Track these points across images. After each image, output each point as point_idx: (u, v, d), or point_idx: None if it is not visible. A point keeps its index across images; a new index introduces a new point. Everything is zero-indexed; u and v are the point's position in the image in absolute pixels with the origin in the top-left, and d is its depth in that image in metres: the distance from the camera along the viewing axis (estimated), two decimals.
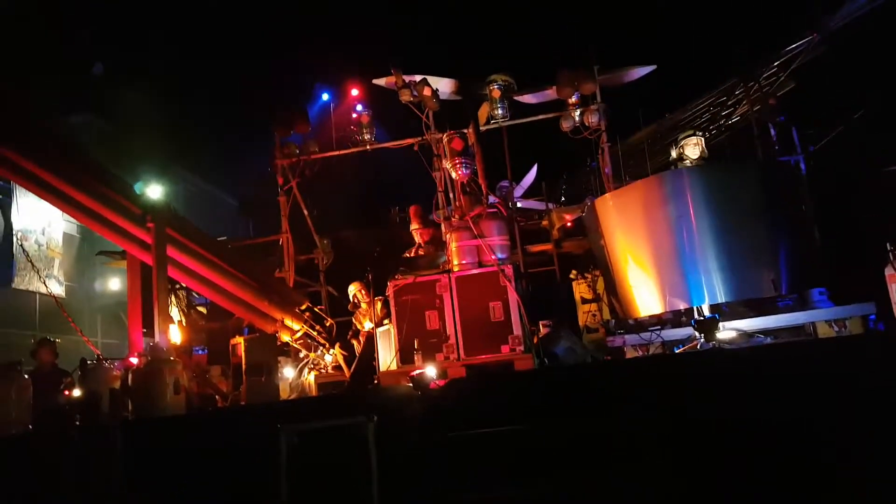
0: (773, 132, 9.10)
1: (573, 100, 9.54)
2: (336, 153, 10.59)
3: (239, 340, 7.33)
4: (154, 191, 6.87)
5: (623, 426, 4.82)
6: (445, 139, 7.70)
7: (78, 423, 5.61)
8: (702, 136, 7.57)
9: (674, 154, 7.56)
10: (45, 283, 11.60)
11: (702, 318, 5.95)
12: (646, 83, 10.22)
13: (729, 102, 11.14)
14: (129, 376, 6.03)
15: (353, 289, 8.86)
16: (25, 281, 15.37)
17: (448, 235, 7.23)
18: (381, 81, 9.97)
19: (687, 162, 7.38)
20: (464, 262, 6.98)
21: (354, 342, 8.65)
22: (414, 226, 8.64)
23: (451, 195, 8.88)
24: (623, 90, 10.14)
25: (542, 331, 7.71)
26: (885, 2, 10.34)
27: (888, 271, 5.91)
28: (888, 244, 5.99)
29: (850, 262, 7.64)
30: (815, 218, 8.08)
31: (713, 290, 6.48)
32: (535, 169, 13.25)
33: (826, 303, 6.52)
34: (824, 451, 4.47)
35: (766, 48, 10.33)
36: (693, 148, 7.39)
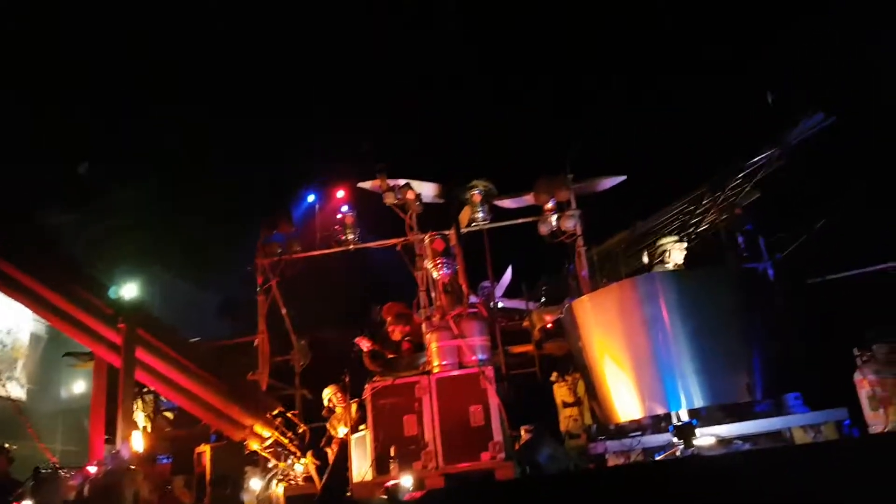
0: (740, 240, 9.40)
1: (550, 206, 9.84)
2: (319, 252, 10.67)
3: (205, 449, 7.03)
4: (129, 290, 6.81)
5: None
6: (427, 240, 7.82)
7: None
8: (685, 242, 7.74)
9: (645, 259, 7.73)
10: (3, 385, 11.14)
11: (679, 424, 5.88)
12: (618, 192, 10.63)
13: (697, 211, 11.55)
14: (86, 487, 5.71)
15: (327, 392, 8.65)
16: None
17: (428, 335, 7.18)
18: (366, 185, 10.25)
19: (670, 265, 7.52)
20: (444, 362, 6.90)
21: (328, 450, 8.33)
22: (390, 325, 8.53)
23: (432, 295, 8.90)
24: (597, 198, 10.51)
25: (524, 436, 7.52)
26: (833, 122, 11.08)
27: (857, 376, 5.97)
28: (855, 349, 6.08)
29: (821, 368, 7.76)
30: (785, 323, 8.24)
31: (689, 394, 6.45)
32: (510, 270, 13.42)
33: (801, 407, 6.56)
34: None
35: (731, 160, 10.93)
36: (679, 253, 7.56)
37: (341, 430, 8.29)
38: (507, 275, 13.59)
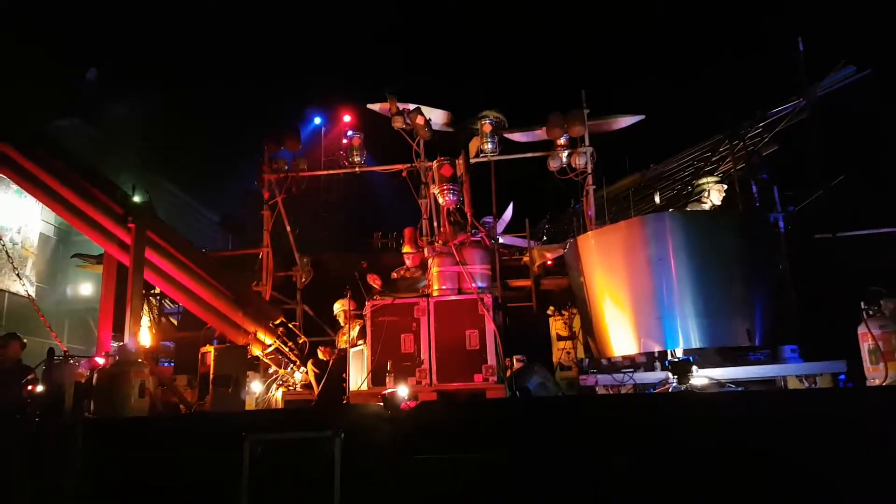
0: (754, 189, 9.31)
1: (562, 141, 9.70)
2: (325, 172, 10.64)
3: (209, 349, 7.20)
4: (136, 198, 6.88)
5: (590, 462, 4.81)
6: (435, 165, 7.79)
7: (38, 419, 5.44)
8: (725, 185, 7.64)
9: (657, 199, 7.69)
10: (20, 278, 11.36)
11: (676, 360, 5.98)
12: (633, 132, 10.45)
13: (713, 158, 11.42)
14: (95, 376, 5.90)
15: (337, 307, 8.77)
16: None
17: (430, 260, 7.24)
18: (375, 106, 10.06)
19: (707, 206, 7.47)
20: (444, 287, 6.98)
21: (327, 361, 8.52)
22: (406, 249, 8.56)
23: (435, 224, 8.92)
24: (611, 137, 10.35)
25: (516, 365, 7.68)
26: (866, 76, 10.80)
27: (861, 329, 5.98)
28: (862, 303, 6.08)
29: (824, 322, 7.81)
30: (791, 276, 8.27)
31: (688, 334, 6.52)
32: (510, 208, 13.44)
33: (797, 360, 6.59)
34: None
35: (753, 109, 10.70)
36: (717, 194, 7.50)
37: (342, 343, 8.47)
38: (508, 212, 13.58)
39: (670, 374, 6.11)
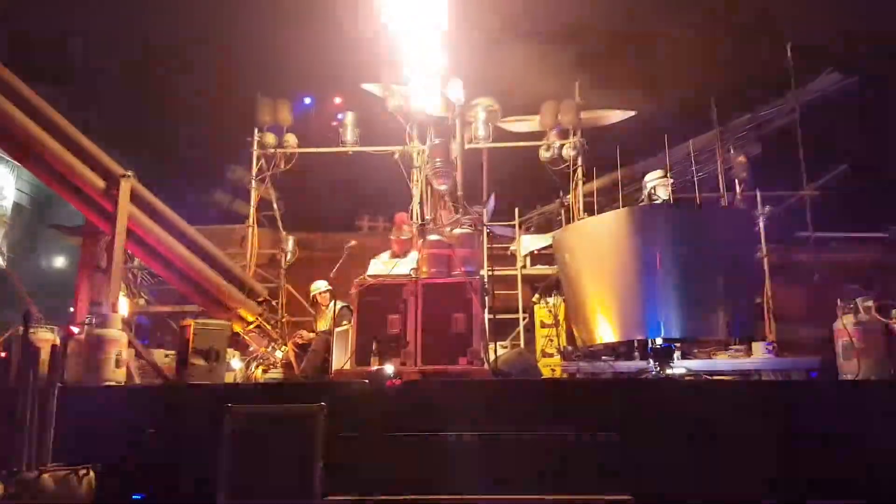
0: (737, 189, 9.45)
1: (554, 131, 9.76)
2: (315, 150, 10.55)
3: (189, 322, 7.08)
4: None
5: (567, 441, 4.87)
6: (428, 148, 7.75)
7: (12, 384, 5.32)
8: (670, 178, 7.76)
9: (646, 192, 7.75)
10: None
11: (658, 346, 6.07)
12: (625, 127, 10.51)
13: (700, 158, 11.52)
14: (71, 343, 5.79)
15: (315, 288, 8.69)
16: None
17: (420, 242, 7.21)
18: (369, 86, 9.99)
19: (658, 202, 7.55)
20: (432, 270, 6.95)
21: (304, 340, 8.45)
22: (396, 233, 8.45)
23: (425, 207, 8.87)
24: (602, 131, 10.41)
25: (500, 350, 7.71)
26: (852, 84, 10.97)
27: (836, 326, 6.11)
28: (838, 300, 6.21)
29: (801, 320, 8.00)
30: (770, 273, 8.46)
31: (669, 325, 6.58)
32: (493, 197, 13.46)
33: (772, 355, 6.78)
34: None
35: (740, 110, 10.86)
36: (664, 189, 7.57)
37: (322, 325, 8.42)
38: (491, 202, 13.61)
39: (649, 363, 6.22)
